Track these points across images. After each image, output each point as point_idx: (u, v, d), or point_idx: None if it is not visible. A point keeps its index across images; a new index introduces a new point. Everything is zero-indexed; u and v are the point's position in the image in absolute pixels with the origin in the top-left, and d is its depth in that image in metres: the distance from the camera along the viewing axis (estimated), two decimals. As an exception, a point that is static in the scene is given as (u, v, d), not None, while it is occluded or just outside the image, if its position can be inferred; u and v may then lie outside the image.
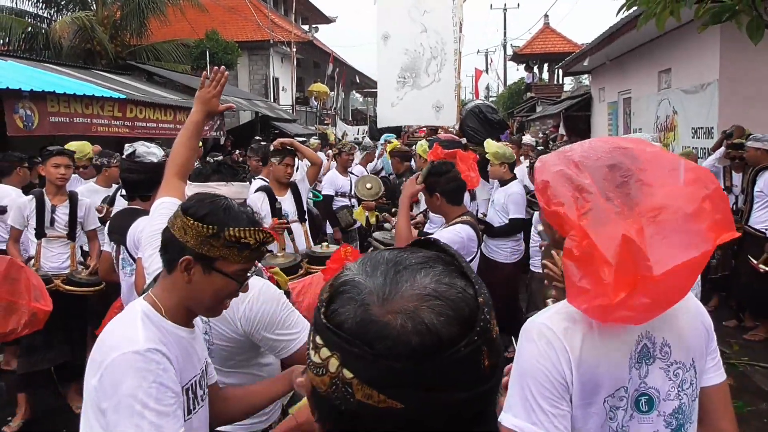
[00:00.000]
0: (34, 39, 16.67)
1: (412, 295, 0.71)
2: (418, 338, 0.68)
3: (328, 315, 0.73)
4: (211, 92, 2.59)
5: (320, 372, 0.72)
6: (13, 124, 7.94)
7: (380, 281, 0.73)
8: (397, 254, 0.78)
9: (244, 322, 2.08)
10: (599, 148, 1.41)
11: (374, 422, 0.69)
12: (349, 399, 0.69)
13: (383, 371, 0.68)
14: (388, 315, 0.69)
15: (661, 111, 10.57)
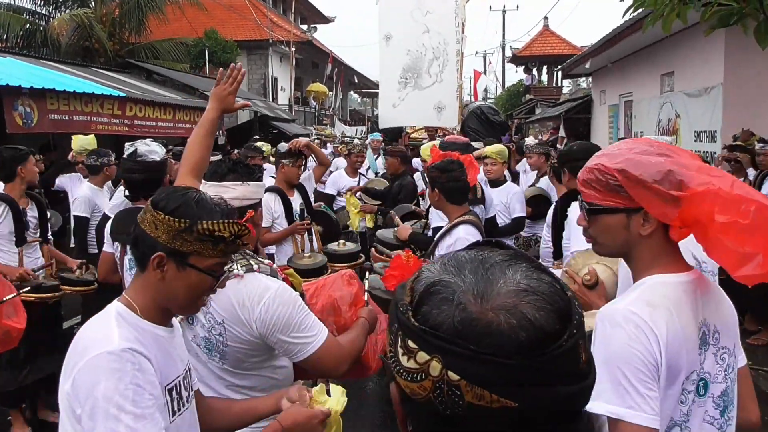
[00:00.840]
0: (32, 36, 16.57)
1: (509, 292, 0.70)
2: (525, 334, 0.67)
3: (419, 318, 0.71)
4: (227, 89, 2.56)
5: (418, 377, 0.70)
6: (13, 121, 7.86)
7: (472, 279, 0.72)
8: (477, 253, 0.77)
9: (260, 324, 2.03)
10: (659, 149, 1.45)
11: (483, 423, 0.68)
12: (458, 402, 0.67)
13: (493, 370, 0.67)
14: (489, 313, 0.68)
15: (663, 114, 10.56)
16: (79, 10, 16.15)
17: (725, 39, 8.01)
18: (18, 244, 4.35)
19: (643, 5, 4.54)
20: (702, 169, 1.39)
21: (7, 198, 4.33)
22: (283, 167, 4.85)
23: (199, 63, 19.82)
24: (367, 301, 2.67)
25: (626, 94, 13.14)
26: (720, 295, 1.53)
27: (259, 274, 2.12)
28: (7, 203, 4.31)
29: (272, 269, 2.22)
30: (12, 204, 4.32)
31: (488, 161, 5.53)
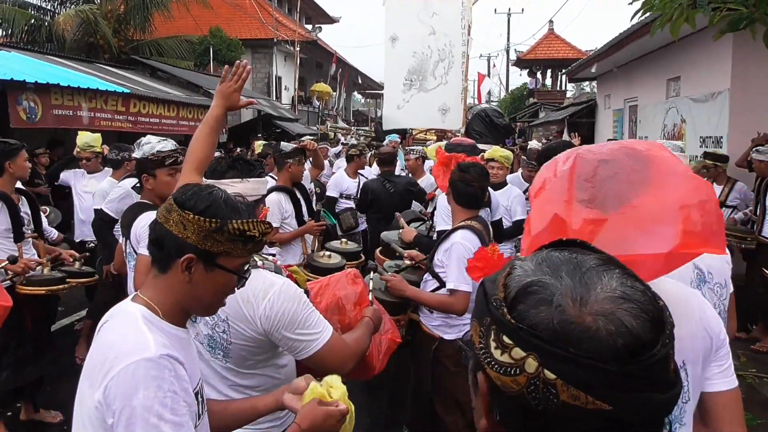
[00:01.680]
0: (37, 31, 16.58)
1: (606, 298, 0.73)
2: (622, 340, 0.70)
3: (515, 315, 0.74)
4: (232, 86, 2.54)
5: (513, 372, 0.73)
6: (17, 116, 7.85)
7: (569, 282, 0.75)
8: (571, 256, 0.80)
9: (264, 320, 2.01)
10: (608, 145, 1.48)
11: (574, 422, 0.71)
12: (553, 399, 0.70)
13: (591, 373, 0.69)
14: (587, 317, 0.71)
15: (668, 119, 10.51)
16: (85, 6, 16.15)
17: (733, 44, 7.97)
18: (16, 240, 4.28)
19: (652, 9, 4.52)
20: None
21: (2, 194, 4.24)
22: (289, 167, 4.85)
23: (204, 61, 19.82)
24: (372, 300, 2.65)
25: (631, 99, 13.09)
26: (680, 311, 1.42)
27: (264, 270, 2.10)
28: (2, 200, 4.23)
29: (276, 266, 2.20)
30: (7, 200, 4.24)
31: (495, 165, 5.51)
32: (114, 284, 5.14)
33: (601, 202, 1.37)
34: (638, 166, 1.40)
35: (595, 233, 1.33)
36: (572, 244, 0.86)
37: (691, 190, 1.37)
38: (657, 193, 1.36)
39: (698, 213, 1.34)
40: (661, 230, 1.33)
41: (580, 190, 1.40)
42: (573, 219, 1.36)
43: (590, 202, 1.38)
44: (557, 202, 1.40)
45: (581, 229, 1.35)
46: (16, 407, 4.57)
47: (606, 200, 1.37)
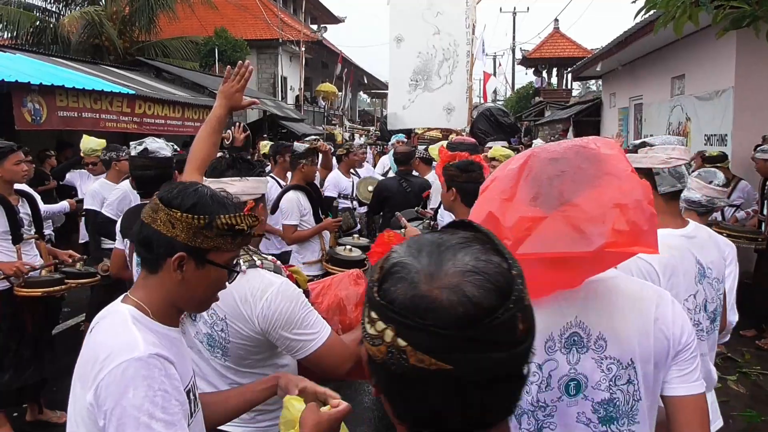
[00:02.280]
0: (42, 33, 16.65)
1: (455, 272, 0.81)
2: (462, 309, 0.79)
3: (381, 293, 0.84)
4: (234, 87, 2.56)
5: (376, 342, 0.83)
6: (22, 117, 7.88)
7: (426, 261, 0.84)
8: (438, 236, 0.89)
9: (262, 320, 2.02)
10: (562, 144, 1.51)
11: (425, 382, 0.81)
12: (404, 363, 0.80)
13: (433, 339, 0.79)
14: (434, 291, 0.80)
15: (673, 117, 10.48)
16: (90, 8, 16.22)
17: (736, 42, 7.94)
18: (14, 241, 4.25)
19: (655, 7, 4.51)
20: None
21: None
22: (302, 167, 4.99)
23: (209, 61, 19.86)
24: None
25: (636, 97, 13.05)
26: (634, 311, 1.48)
27: (263, 270, 2.11)
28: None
29: (276, 266, 2.21)
30: (3, 202, 4.20)
31: (496, 164, 5.51)
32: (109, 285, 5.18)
33: (544, 201, 1.40)
34: (586, 165, 1.42)
35: (531, 231, 1.38)
36: (461, 225, 0.93)
37: (627, 189, 1.39)
38: (594, 191, 1.39)
39: (631, 212, 1.36)
40: (591, 229, 1.35)
41: (528, 187, 1.43)
42: (507, 217, 1.41)
43: (534, 200, 1.41)
44: (495, 200, 1.46)
45: (517, 227, 1.39)
46: (22, 408, 4.61)
47: (550, 199, 1.40)
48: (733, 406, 4.86)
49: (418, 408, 0.84)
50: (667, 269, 2.15)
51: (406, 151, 6.61)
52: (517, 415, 1.51)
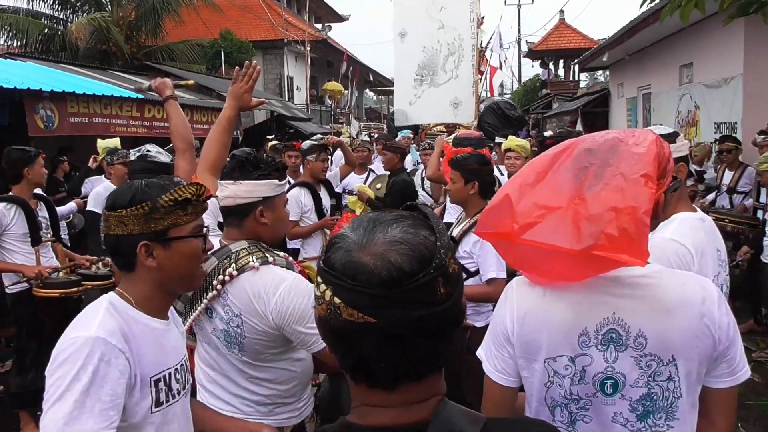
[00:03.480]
0: (51, 40, 16.79)
1: (383, 242, 0.94)
2: (386, 272, 0.91)
3: (324, 260, 0.98)
4: (243, 87, 2.61)
5: (320, 302, 0.97)
6: (34, 124, 7.96)
7: (361, 233, 0.97)
8: (377, 214, 1.02)
9: (276, 315, 2.06)
10: (606, 135, 1.50)
11: (357, 333, 0.93)
12: (339, 318, 0.93)
13: (361, 296, 0.91)
14: (364, 257, 0.93)
15: (682, 106, 10.44)
16: (96, 14, 16.32)
17: (744, 29, 7.90)
18: (33, 243, 4.40)
19: (661, -5, 4.50)
20: None
21: (18, 200, 4.38)
22: (308, 163, 5.05)
23: (215, 64, 19.94)
24: None
25: (644, 87, 13.00)
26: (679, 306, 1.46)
27: (275, 266, 2.15)
28: (19, 205, 4.36)
29: (288, 262, 2.24)
30: (24, 205, 4.38)
31: (512, 155, 5.53)
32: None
33: (568, 191, 1.42)
34: (613, 161, 1.43)
35: (541, 218, 1.41)
36: (409, 208, 1.06)
37: (629, 194, 1.36)
38: (603, 190, 1.39)
39: (624, 218, 1.34)
40: (586, 228, 1.35)
41: (558, 176, 1.46)
42: (522, 201, 1.45)
43: (559, 189, 1.43)
44: (516, 184, 1.50)
45: (527, 212, 1.43)
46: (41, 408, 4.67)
47: (572, 190, 1.42)
48: (747, 395, 4.84)
49: (353, 357, 0.97)
50: (698, 250, 2.14)
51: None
52: (550, 407, 1.53)
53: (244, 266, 2.10)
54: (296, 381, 2.30)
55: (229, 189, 2.18)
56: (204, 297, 2.14)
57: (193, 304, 2.18)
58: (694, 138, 9.79)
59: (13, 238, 4.34)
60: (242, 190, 2.18)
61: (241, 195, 2.18)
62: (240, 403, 2.24)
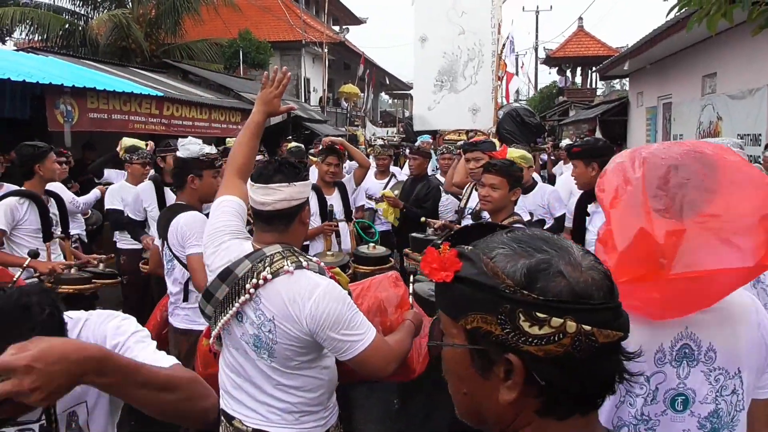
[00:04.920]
0: (71, 36, 16.85)
1: (580, 255, 0.90)
2: (607, 281, 0.89)
3: (538, 292, 0.86)
4: (272, 93, 2.60)
5: (556, 338, 0.85)
6: (54, 119, 7.99)
7: (556, 253, 0.89)
8: (531, 232, 0.95)
9: (310, 320, 2.03)
10: (673, 149, 1.43)
11: (606, 355, 0.87)
12: (594, 345, 0.85)
13: (607, 314, 0.86)
14: (584, 275, 0.87)
15: (704, 117, 10.32)
16: (117, 11, 16.38)
17: (772, 40, 7.79)
18: (45, 239, 4.37)
19: (689, 5, 4.43)
20: None
21: (32, 194, 4.33)
22: (316, 165, 5.01)
23: (234, 63, 19.98)
24: (413, 303, 2.64)
25: (665, 96, 12.87)
26: (740, 317, 1.45)
27: (308, 271, 2.11)
28: (32, 199, 4.32)
29: (320, 267, 2.20)
30: (37, 200, 4.34)
31: None
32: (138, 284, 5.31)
33: (676, 212, 1.34)
34: (708, 172, 1.36)
35: (678, 245, 1.30)
36: (486, 227, 1.02)
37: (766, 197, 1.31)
38: (730, 201, 1.32)
39: None
40: (741, 242, 1.28)
41: (654, 198, 1.36)
42: (656, 231, 1.32)
43: (666, 211, 1.34)
44: (638, 215, 1.36)
45: (666, 242, 1.30)
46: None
47: (681, 209, 1.33)
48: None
49: (592, 384, 0.89)
50: None
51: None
52: (617, 426, 1.50)
53: (278, 270, 2.06)
54: (324, 389, 2.26)
55: (284, 191, 2.17)
56: (236, 301, 2.10)
57: (224, 308, 2.14)
58: (716, 149, 9.64)
59: (25, 233, 4.30)
60: (296, 191, 2.19)
61: (296, 196, 2.20)
62: (266, 410, 2.20)
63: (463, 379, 0.97)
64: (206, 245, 2.28)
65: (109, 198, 5.55)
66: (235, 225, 2.29)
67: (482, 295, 0.89)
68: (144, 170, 5.65)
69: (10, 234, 4.21)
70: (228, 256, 2.17)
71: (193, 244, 3.15)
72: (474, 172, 4.74)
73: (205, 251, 2.29)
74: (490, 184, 3.48)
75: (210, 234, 2.29)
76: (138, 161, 5.58)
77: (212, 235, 2.28)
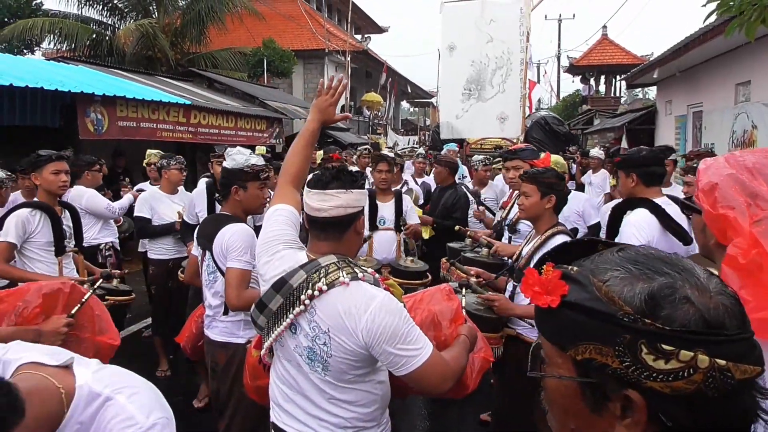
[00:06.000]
0: (99, 45, 17.05)
1: (705, 279, 0.79)
2: (739, 308, 0.78)
3: (663, 321, 0.77)
4: (328, 100, 2.53)
5: (685, 374, 0.75)
6: (85, 127, 8.05)
7: (679, 276, 0.79)
8: (648, 252, 0.85)
9: (366, 333, 1.95)
10: None
11: (742, 391, 0.76)
12: (730, 382, 0.75)
13: (743, 345, 0.76)
14: (713, 300, 0.77)
15: (738, 125, 10.12)
16: (144, 20, 16.54)
17: (810, 46, 7.63)
18: (57, 253, 4.11)
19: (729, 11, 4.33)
20: None
21: (44, 206, 4.08)
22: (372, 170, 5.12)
23: (257, 72, 20.08)
24: (466, 318, 2.55)
25: (695, 105, 12.68)
26: None
27: (364, 283, 2.04)
28: (44, 211, 4.07)
29: (375, 278, 2.13)
30: (50, 212, 4.09)
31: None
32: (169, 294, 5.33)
33: None
34: None
35: None
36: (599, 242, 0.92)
37: None
38: None
39: None
40: None
41: None
42: None
43: None
44: None
45: None
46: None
47: None
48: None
49: (725, 424, 0.79)
50: None
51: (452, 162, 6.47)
52: None
53: (334, 281, 2.00)
54: (378, 404, 2.18)
55: (341, 198, 2.11)
56: (291, 312, 2.03)
57: (278, 319, 2.07)
58: (751, 159, 9.45)
59: (37, 246, 4.04)
60: (353, 198, 2.13)
61: (352, 204, 2.14)
62: (317, 424, 2.13)
63: (571, 413, 0.88)
64: (259, 254, 2.22)
65: (138, 205, 5.52)
66: (289, 234, 2.23)
67: (596, 324, 0.80)
68: (182, 176, 5.63)
69: (20, 248, 3.99)
70: (282, 266, 2.11)
71: (236, 257, 3.08)
72: (514, 181, 4.67)
73: (259, 260, 2.22)
74: (523, 192, 3.43)
75: (263, 243, 2.23)
76: (175, 166, 5.54)
77: (266, 244, 2.21)
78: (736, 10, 4.23)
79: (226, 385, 3.36)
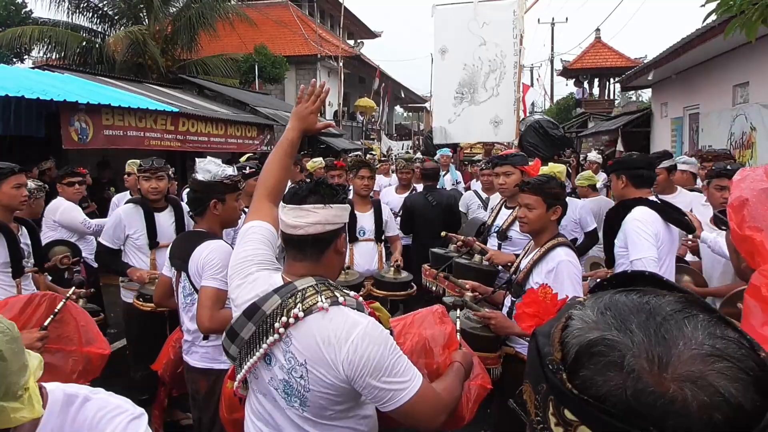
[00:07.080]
0: (89, 53, 16.90)
1: (692, 356, 0.58)
2: (720, 414, 0.55)
3: (578, 383, 0.61)
4: (309, 108, 2.31)
5: None
6: (69, 137, 7.82)
7: (643, 339, 0.60)
8: (641, 299, 0.65)
9: (347, 365, 1.75)
10: None
11: None
12: None
13: None
14: (670, 385, 0.57)
15: (735, 127, 9.96)
16: (134, 27, 16.38)
17: (810, 46, 7.48)
18: (15, 275, 3.74)
19: (729, 10, 4.20)
20: None
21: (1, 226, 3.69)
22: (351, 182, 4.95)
23: (249, 78, 19.91)
24: (461, 342, 2.35)
25: (692, 107, 12.53)
26: None
27: (346, 308, 1.83)
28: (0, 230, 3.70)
29: (358, 302, 1.92)
30: (5, 230, 3.71)
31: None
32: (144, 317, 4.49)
33: None
34: None
35: None
36: (640, 278, 0.71)
37: None
38: None
39: None
40: None
41: None
42: None
43: None
44: None
45: None
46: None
47: None
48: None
49: None
50: None
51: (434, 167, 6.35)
52: None
53: (311, 307, 1.79)
54: (362, 441, 1.97)
55: (319, 214, 1.90)
56: (264, 341, 1.82)
57: (250, 349, 1.87)
58: (750, 161, 9.32)
59: None
60: (332, 214, 1.92)
61: (332, 220, 1.93)
62: (296, 465, 1.92)
63: None
64: (231, 277, 2.01)
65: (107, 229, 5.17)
66: (264, 254, 2.02)
67: (534, 363, 0.68)
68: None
69: None
70: (255, 290, 1.91)
71: (211, 275, 2.85)
72: (504, 187, 4.47)
73: (231, 283, 2.01)
74: (526, 204, 3.16)
75: (236, 264, 2.02)
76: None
77: (238, 266, 2.00)
78: (737, 10, 4.10)
79: (208, 413, 3.15)
